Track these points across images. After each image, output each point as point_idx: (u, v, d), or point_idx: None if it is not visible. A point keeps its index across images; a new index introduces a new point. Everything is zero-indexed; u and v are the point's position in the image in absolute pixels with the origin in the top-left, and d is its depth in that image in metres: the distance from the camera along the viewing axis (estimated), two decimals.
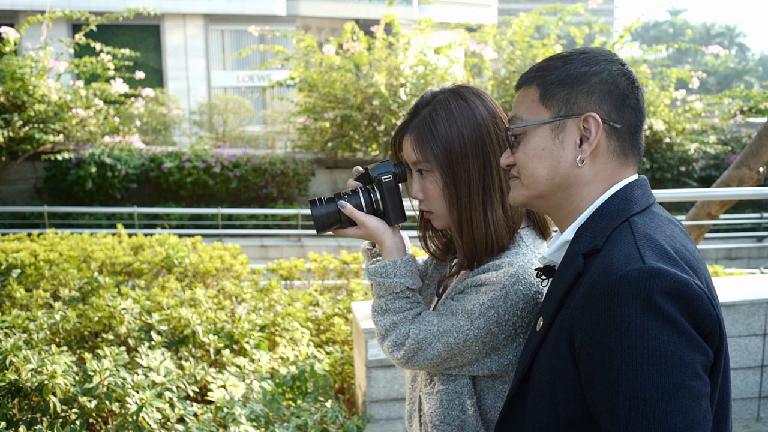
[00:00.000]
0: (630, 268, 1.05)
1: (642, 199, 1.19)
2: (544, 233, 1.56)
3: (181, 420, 2.97)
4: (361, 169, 1.62)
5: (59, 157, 11.25)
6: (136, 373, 2.96)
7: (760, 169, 5.92)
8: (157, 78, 22.68)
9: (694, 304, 1.04)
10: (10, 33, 10.49)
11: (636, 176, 1.23)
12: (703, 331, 1.05)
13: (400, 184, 1.58)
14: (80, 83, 11.56)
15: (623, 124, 1.20)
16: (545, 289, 1.49)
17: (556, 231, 1.34)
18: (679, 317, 1.03)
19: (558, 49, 12.23)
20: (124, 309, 3.89)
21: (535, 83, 1.24)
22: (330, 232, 1.61)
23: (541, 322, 1.21)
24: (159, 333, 3.82)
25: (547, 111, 1.22)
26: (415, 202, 1.60)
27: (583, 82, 1.19)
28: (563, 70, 1.21)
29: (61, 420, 2.71)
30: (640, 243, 1.10)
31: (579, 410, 1.12)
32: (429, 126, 1.49)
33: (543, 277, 1.31)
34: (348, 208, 1.55)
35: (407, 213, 1.65)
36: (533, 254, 1.46)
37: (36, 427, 2.66)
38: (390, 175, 1.56)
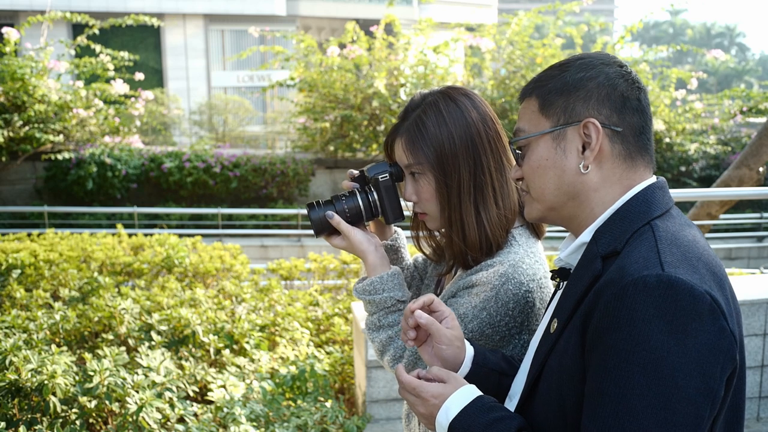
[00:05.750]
0: (648, 273, 1.02)
1: (662, 201, 1.16)
2: (537, 232, 1.56)
3: (181, 420, 2.97)
4: (355, 172, 1.61)
5: (59, 157, 11.25)
6: (136, 373, 2.96)
7: (760, 169, 5.92)
8: (157, 78, 22.67)
9: (707, 319, 1.00)
10: (11, 33, 10.49)
11: (655, 178, 1.20)
12: (716, 349, 1.00)
13: (396, 184, 1.58)
14: (80, 83, 11.56)
15: (625, 127, 1.16)
16: (545, 290, 1.48)
17: (568, 234, 1.29)
18: (684, 336, 0.98)
19: (558, 46, 12.24)
20: (124, 309, 3.89)
21: (534, 94, 1.22)
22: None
23: (555, 324, 1.18)
24: (159, 333, 3.82)
25: (547, 121, 1.20)
26: (410, 204, 1.59)
27: (579, 88, 1.17)
28: (560, 79, 1.19)
29: (61, 420, 2.71)
30: (661, 248, 1.06)
31: None
32: (419, 128, 1.49)
33: (558, 279, 1.27)
34: (335, 218, 1.55)
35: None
36: (525, 253, 1.46)
37: (36, 427, 2.66)
38: (387, 175, 1.55)
